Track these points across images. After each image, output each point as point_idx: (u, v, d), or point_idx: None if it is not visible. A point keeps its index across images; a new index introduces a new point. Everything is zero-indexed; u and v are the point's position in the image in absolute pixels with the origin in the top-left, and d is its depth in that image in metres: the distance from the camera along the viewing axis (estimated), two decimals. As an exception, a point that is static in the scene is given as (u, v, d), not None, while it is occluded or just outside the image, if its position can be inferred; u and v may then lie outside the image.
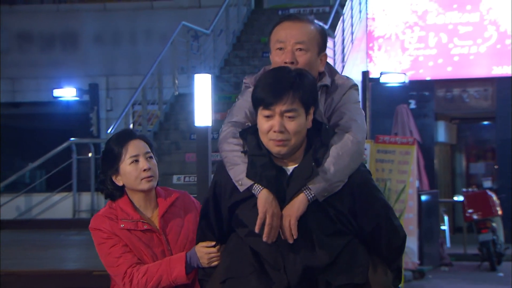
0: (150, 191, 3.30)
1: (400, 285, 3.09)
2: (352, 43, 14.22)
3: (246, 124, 3.02)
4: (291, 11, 15.01)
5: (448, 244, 13.58)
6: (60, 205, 11.13)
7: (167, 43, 12.78)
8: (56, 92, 13.46)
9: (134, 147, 3.27)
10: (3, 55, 15.28)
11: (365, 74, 12.84)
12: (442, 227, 13.76)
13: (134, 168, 3.24)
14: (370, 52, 15.48)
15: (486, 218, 12.54)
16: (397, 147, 11.05)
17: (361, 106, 3.11)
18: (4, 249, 7.71)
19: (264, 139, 2.88)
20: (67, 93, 13.38)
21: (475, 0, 15.07)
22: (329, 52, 12.98)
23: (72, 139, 11.28)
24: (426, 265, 11.88)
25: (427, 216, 12.22)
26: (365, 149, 11.13)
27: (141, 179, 3.25)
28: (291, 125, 2.84)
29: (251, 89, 2.98)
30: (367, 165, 10.88)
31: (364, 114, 3.11)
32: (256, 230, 2.84)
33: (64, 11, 15.67)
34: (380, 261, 3.01)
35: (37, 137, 17.78)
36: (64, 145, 11.09)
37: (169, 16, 15.12)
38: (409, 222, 11.04)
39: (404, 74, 13.90)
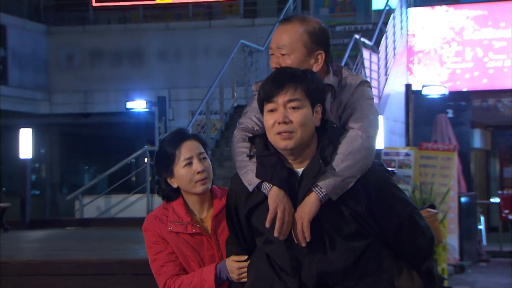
0: (205, 193, 3.05)
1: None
2: (394, 58, 14.35)
3: (255, 129, 2.79)
4: (337, 28, 15.07)
5: (484, 242, 13.66)
6: (135, 205, 11.42)
7: (225, 58, 12.95)
8: (129, 104, 13.69)
9: (188, 149, 3.03)
10: (77, 71, 15.58)
11: (408, 86, 13.14)
12: (479, 227, 13.81)
13: (188, 170, 3.00)
14: (411, 65, 15.41)
15: None
16: (439, 153, 11.40)
17: (375, 103, 2.82)
18: (101, 243, 8.33)
19: (270, 135, 2.63)
20: (138, 105, 13.72)
21: (509, 17, 14.90)
22: (373, 66, 13.39)
23: (145, 146, 11.80)
24: (466, 261, 11.96)
25: (466, 216, 12.30)
26: (409, 154, 11.48)
27: (195, 182, 3.00)
28: (295, 116, 2.59)
29: (256, 96, 2.76)
30: (411, 170, 11.31)
31: (378, 111, 2.83)
32: (267, 224, 2.59)
33: (131, 30, 15.79)
34: (406, 265, 2.70)
35: (103, 144, 18.31)
36: (139, 152, 11.60)
37: (226, 34, 15.24)
38: (451, 222, 11.27)
39: (444, 86, 13.97)
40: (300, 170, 2.63)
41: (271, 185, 2.61)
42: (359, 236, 2.61)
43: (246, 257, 2.79)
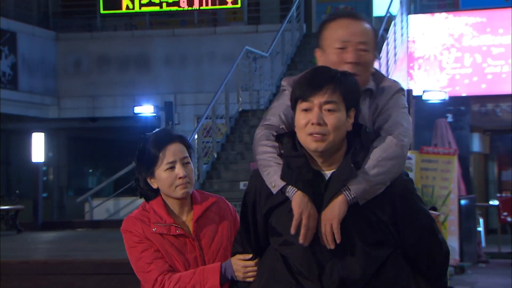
0: (185, 198, 2.93)
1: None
2: (395, 63, 14.42)
3: (281, 127, 2.66)
4: None
5: (483, 243, 13.62)
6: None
7: (229, 64, 13.05)
8: (137, 109, 13.78)
9: (172, 153, 2.88)
10: (85, 76, 15.71)
11: (409, 92, 13.21)
12: (478, 229, 13.72)
13: (170, 174, 2.87)
14: (411, 71, 15.47)
15: None
16: (440, 157, 11.41)
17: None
18: (112, 243, 8.46)
19: (301, 135, 2.52)
20: (145, 110, 13.82)
21: (507, 24, 14.96)
22: (375, 72, 13.55)
23: None
24: (466, 262, 11.89)
25: (466, 218, 12.26)
26: (410, 158, 11.62)
27: (176, 187, 2.88)
28: (330, 119, 2.48)
29: (287, 92, 2.66)
30: (413, 174, 11.41)
31: (411, 121, 2.72)
32: (292, 231, 2.49)
33: (137, 37, 15.91)
34: (422, 279, 2.61)
35: (110, 147, 18.44)
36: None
37: (230, 40, 15.33)
38: (451, 224, 11.24)
39: (444, 92, 13.98)
40: (328, 173, 2.54)
41: (296, 189, 2.52)
42: (382, 245, 2.53)
43: (251, 255, 2.70)
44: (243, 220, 2.70)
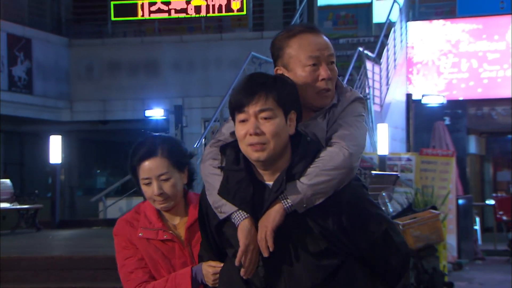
0: (167, 210, 2.85)
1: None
2: (395, 69, 14.58)
3: (229, 140, 2.52)
4: (340, 41, 15.09)
5: (479, 241, 13.74)
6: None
7: (235, 69, 13.08)
8: (147, 113, 13.85)
9: (147, 169, 2.77)
10: (96, 81, 15.82)
11: (408, 96, 13.48)
12: (474, 227, 13.74)
13: (148, 189, 2.80)
14: (410, 76, 15.60)
15: None
16: (439, 159, 11.54)
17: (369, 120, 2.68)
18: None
19: (242, 146, 2.40)
20: (156, 113, 13.95)
21: (502, 31, 15.14)
22: (376, 77, 13.74)
23: None
24: (463, 259, 12.06)
25: (463, 217, 12.42)
26: (410, 159, 11.82)
27: (154, 201, 2.81)
28: (267, 127, 2.37)
29: None
30: (413, 174, 11.64)
31: (366, 129, 2.58)
32: (237, 263, 2.40)
33: (147, 43, 15.99)
34: (381, 283, 2.49)
35: (120, 149, 18.62)
36: (159, 157, 11.85)
37: (236, 46, 15.38)
38: (450, 222, 11.33)
39: (443, 96, 14.15)
40: (270, 183, 2.42)
41: (242, 217, 2.39)
42: (330, 254, 2.39)
43: (222, 264, 2.59)
44: (201, 228, 2.59)
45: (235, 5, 16.03)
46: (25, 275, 7.28)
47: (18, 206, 11.50)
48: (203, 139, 11.75)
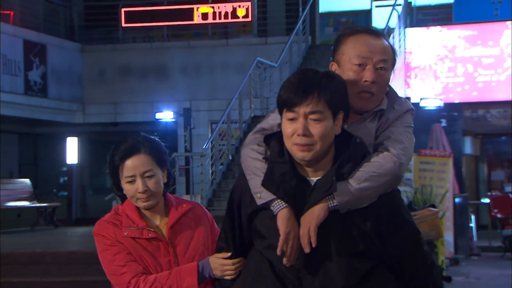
0: (150, 208, 2.75)
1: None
2: (394, 73, 14.38)
3: (274, 130, 2.45)
4: None
5: (475, 238, 13.78)
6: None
7: (240, 73, 13.17)
8: (158, 115, 14.14)
9: (132, 167, 2.69)
10: (108, 85, 15.99)
11: (407, 99, 13.55)
12: (470, 225, 13.74)
13: (131, 187, 2.69)
14: (408, 80, 15.58)
15: (508, 217, 12.96)
16: (436, 159, 11.72)
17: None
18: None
19: (288, 144, 2.33)
20: (166, 115, 14.21)
21: (496, 37, 15.12)
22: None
23: (174, 153, 12.34)
24: (460, 254, 12.21)
25: (460, 215, 12.52)
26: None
27: (137, 199, 2.71)
28: (316, 128, 2.29)
29: None
30: (411, 174, 11.78)
31: (414, 139, 2.50)
32: (278, 252, 2.30)
33: (156, 48, 16.13)
34: None
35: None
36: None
37: (241, 51, 15.52)
38: (447, 220, 11.49)
39: (440, 99, 14.22)
40: (314, 179, 2.36)
41: (281, 206, 2.32)
42: (365, 256, 2.34)
43: (230, 254, 2.52)
44: (228, 216, 2.51)
45: (241, 12, 16.17)
46: (49, 268, 7.48)
47: (37, 204, 11.70)
48: (211, 141, 11.91)
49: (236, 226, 2.49)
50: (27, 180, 12.43)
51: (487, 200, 14.40)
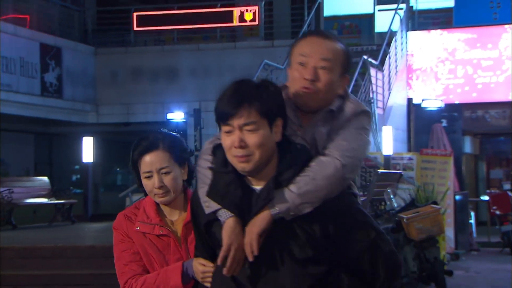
0: (167, 203, 2.74)
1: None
2: (396, 75, 14.72)
3: None
4: None
5: (474, 234, 13.79)
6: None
7: (247, 75, 13.40)
8: (169, 116, 14.21)
9: (149, 163, 2.68)
10: (120, 86, 16.13)
11: (409, 100, 13.68)
12: (470, 221, 13.76)
13: (148, 182, 2.69)
14: (410, 81, 15.67)
15: (507, 213, 12.98)
16: (438, 158, 11.76)
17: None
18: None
19: (228, 156, 2.28)
20: (177, 116, 14.28)
21: (495, 40, 15.21)
22: (379, 82, 14.06)
23: (197, 152, 12.47)
24: (460, 250, 12.25)
25: (460, 211, 12.58)
26: (411, 159, 12.10)
27: (154, 194, 2.70)
28: (251, 139, 2.24)
29: None
30: (413, 173, 11.93)
31: (367, 142, 2.42)
32: (219, 262, 2.27)
33: (166, 51, 16.27)
34: None
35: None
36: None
37: (249, 53, 15.62)
38: (448, 216, 11.54)
39: (440, 100, 14.35)
40: (258, 188, 2.30)
41: (227, 216, 2.27)
42: (316, 261, 2.25)
43: (212, 264, 2.46)
44: (194, 227, 2.48)
45: (248, 16, 16.33)
46: (70, 262, 7.66)
47: (55, 201, 11.89)
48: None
49: (202, 235, 2.45)
50: (45, 178, 12.62)
51: (486, 198, 14.46)
